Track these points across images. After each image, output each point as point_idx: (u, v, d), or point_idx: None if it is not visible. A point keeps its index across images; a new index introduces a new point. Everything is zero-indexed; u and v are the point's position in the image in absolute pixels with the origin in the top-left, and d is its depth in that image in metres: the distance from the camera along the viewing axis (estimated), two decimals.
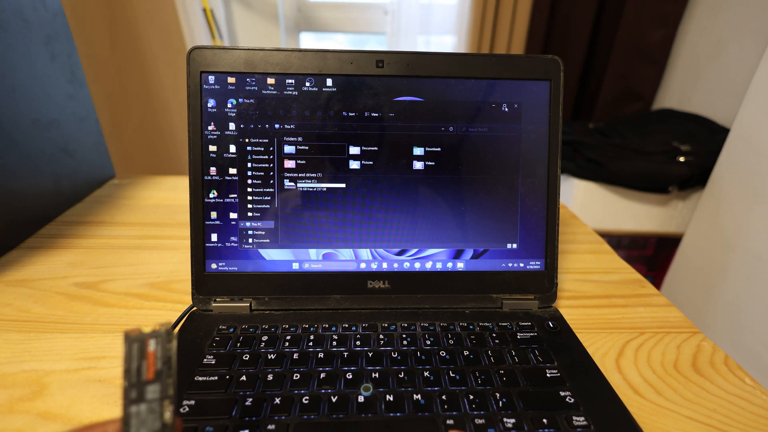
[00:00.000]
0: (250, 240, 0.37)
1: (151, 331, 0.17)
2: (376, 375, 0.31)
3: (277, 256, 0.37)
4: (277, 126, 0.36)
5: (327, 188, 0.37)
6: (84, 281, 0.43)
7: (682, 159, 1.05)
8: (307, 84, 0.36)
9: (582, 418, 0.27)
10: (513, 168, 0.38)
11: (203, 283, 0.37)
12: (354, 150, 0.37)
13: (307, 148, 0.37)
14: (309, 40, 1.63)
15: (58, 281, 0.42)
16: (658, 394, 0.31)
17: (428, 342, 0.34)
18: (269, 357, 0.32)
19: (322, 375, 0.30)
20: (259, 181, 0.37)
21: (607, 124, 1.25)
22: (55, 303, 0.39)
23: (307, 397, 0.29)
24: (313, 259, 0.38)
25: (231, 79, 0.36)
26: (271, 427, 0.27)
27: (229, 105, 0.36)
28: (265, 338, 0.34)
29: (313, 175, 0.37)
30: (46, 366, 0.32)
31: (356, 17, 1.55)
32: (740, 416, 0.29)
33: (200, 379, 0.30)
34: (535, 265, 0.39)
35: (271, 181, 0.37)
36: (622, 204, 1.12)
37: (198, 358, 0.32)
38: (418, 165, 0.38)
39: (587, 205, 1.13)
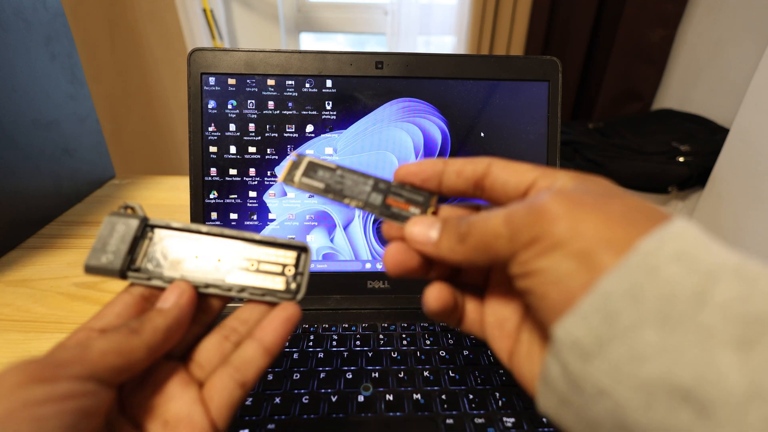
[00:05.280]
0: None
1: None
2: (376, 375, 0.31)
3: None
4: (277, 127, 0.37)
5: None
6: (84, 281, 0.43)
7: (681, 159, 1.05)
8: (307, 85, 0.36)
9: None
10: None
11: None
12: None
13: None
14: (309, 41, 1.63)
15: (58, 281, 0.43)
16: None
17: (428, 342, 0.34)
18: None
19: (322, 375, 0.31)
20: (259, 182, 0.37)
21: (606, 124, 1.25)
22: (56, 303, 0.39)
23: (307, 397, 0.29)
24: (313, 259, 0.38)
25: (231, 81, 0.36)
26: (271, 426, 0.27)
27: (230, 106, 0.36)
28: None
29: None
30: None
31: (356, 17, 1.55)
32: None
33: None
34: None
35: (272, 182, 0.37)
36: None
37: None
38: None
39: None
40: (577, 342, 0.13)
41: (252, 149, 0.37)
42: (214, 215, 0.37)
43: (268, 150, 0.37)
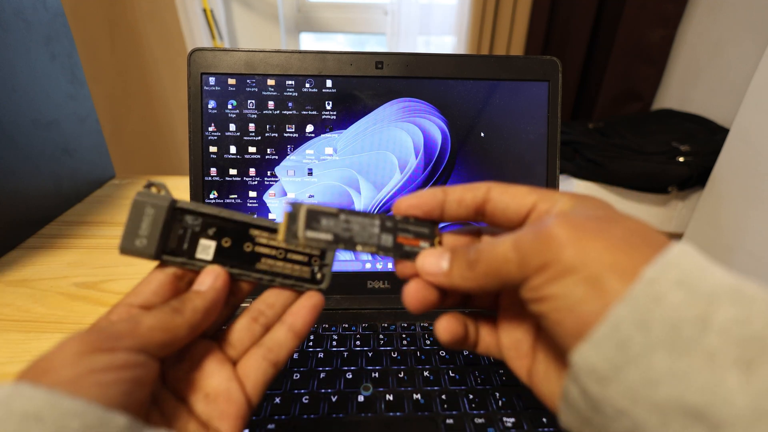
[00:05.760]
0: None
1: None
2: (376, 375, 0.31)
3: None
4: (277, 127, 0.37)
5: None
6: (84, 281, 0.43)
7: (681, 159, 1.05)
8: (307, 85, 0.36)
9: None
10: (512, 169, 0.38)
11: None
12: None
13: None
14: (309, 41, 1.63)
15: (58, 281, 0.43)
16: None
17: (428, 342, 0.34)
18: None
19: (322, 375, 0.31)
20: (259, 182, 0.37)
21: (606, 124, 1.25)
22: (56, 303, 0.39)
23: (307, 397, 0.29)
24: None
25: (231, 81, 0.36)
26: (271, 426, 0.27)
27: (230, 106, 0.36)
28: None
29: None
30: None
31: (356, 17, 1.55)
32: None
33: None
34: None
35: (272, 182, 0.37)
36: (622, 204, 1.12)
37: None
38: None
39: None
40: (594, 368, 0.14)
41: (252, 149, 0.37)
42: None
43: (268, 150, 0.37)
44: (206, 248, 0.21)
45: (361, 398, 0.29)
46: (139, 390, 0.16)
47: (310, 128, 0.37)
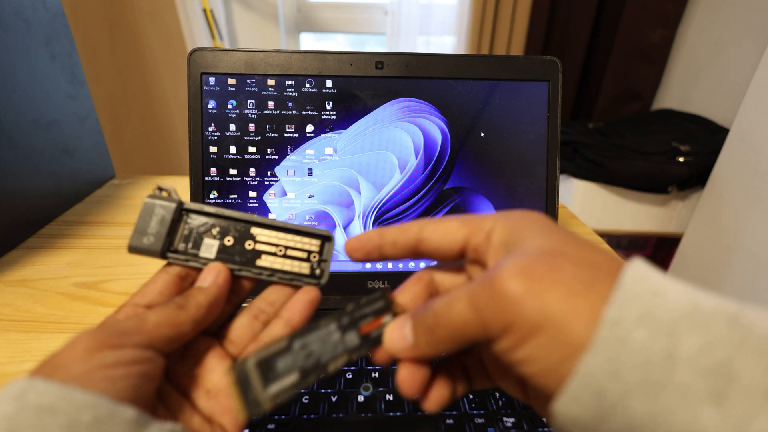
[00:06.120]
0: None
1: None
2: (376, 375, 0.31)
3: None
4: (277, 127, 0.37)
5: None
6: (84, 281, 0.43)
7: (681, 159, 1.05)
8: (307, 85, 0.36)
9: None
10: (512, 169, 0.38)
11: None
12: None
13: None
14: (309, 41, 1.63)
15: (58, 281, 0.43)
16: None
17: None
18: None
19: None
20: (259, 182, 0.37)
21: (606, 124, 1.25)
22: (56, 303, 0.39)
23: (307, 397, 0.29)
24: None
25: (231, 81, 0.36)
26: (270, 426, 0.27)
27: (230, 106, 0.36)
28: None
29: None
30: None
31: (356, 17, 1.55)
32: None
33: None
34: None
35: (272, 182, 0.37)
36: (622, 204, 1.12)
37: None
38: None
39: (587, 205, 1.13)
40: (577, 419, 0.14)
41: (252, 149, 0.37)
42: None
43: (268, 150, 0.37)
44: (210, 247, 0.22)
45: (361, 398, 0.29)
46: (147, 384, 0.17)
47: (310, 128, 0.37)
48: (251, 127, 0.36)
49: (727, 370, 0.12)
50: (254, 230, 0.22)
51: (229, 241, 0.22)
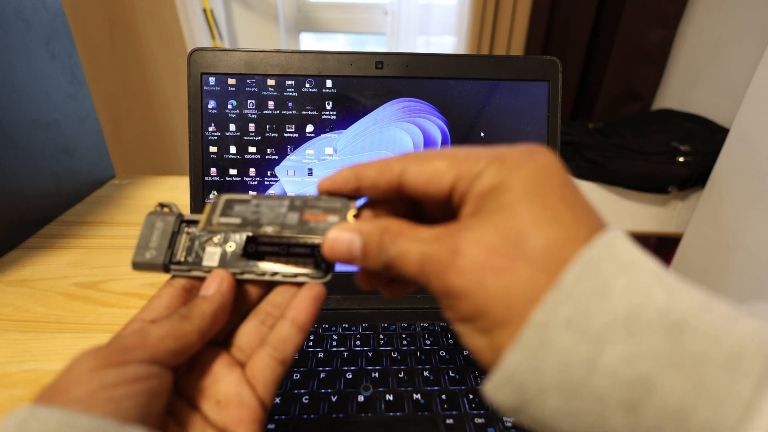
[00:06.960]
0: None
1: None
2: (376, 375, 0.31)
3: None
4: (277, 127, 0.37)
5: None
6: (84, 281, 0.43)
7: (681, 159, 1.05)
8: (307, 85, 0.36)
9: None
10: None
11: None
12: None
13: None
14: (309, 41, 1.63)
15: (58, 281, 0.43)
16: None
17: (428, 342, 0.34)
18: None
19: (322, 375, 0.31)
20: (259, 182, 0.37)
21: (606, 124, 1.24)
22: (56, 303, 0.39)
23: (307, 397, 0.29)
24: None
25: (231, 81, 0.36)
26: (271, 426, 0.27)
27: (230, 106, 0.36)
28: None
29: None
30: (47, 366, 0.32)
31: (356, 17, 1.54)
32: None
33: None
34: None
35: (272, 182, 0.37)
36: (622, 204, 1.12)
37: None
38: None
39: None
40: (503, 403, 0.15)
41: (252, 149, 0.37)
42: None
43: (268, 150, 0.37)
44: (212, 255, 0.22)
45: (361, 398, 0.29)
46: (154, 401, 0.16)
47: (310, 128, 0.37)
48: (251, 127, 0.36)
49: (647, 383, 0.12)
50: (255, 233, 0.22)
51: (230, 247, 0.22)
